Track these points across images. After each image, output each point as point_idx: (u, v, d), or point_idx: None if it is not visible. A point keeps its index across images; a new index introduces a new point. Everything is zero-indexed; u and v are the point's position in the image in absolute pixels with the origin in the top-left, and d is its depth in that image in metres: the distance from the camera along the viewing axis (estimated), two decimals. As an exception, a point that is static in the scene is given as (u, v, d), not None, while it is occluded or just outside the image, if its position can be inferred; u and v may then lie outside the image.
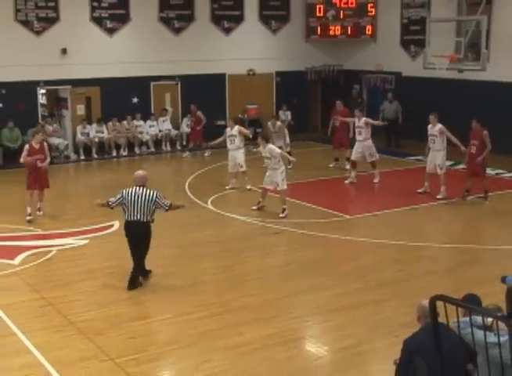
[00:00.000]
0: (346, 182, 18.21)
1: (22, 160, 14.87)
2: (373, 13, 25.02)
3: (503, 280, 7.30)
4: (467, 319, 5.61)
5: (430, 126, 16.47)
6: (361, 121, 18.13)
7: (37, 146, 14.82)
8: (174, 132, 23.65)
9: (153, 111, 23.58)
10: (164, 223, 13.92)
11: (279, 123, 20.01)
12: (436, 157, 16.37)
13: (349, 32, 25.39)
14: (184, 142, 23.71)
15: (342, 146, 19.86)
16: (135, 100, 23.31)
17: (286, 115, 24.83)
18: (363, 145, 17.99)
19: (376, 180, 18.03)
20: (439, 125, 16.23)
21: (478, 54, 19.41)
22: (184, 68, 23.45)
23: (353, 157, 18.25)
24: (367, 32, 25.25)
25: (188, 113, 23.59)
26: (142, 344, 9.01)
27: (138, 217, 10.57)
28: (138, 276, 10.91)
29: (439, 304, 5.43)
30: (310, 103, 26.55)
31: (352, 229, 14.54)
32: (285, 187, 15.00)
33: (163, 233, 13.05)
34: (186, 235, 13.78)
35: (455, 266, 12.10)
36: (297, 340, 9.21)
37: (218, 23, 24.41)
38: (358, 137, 18.14)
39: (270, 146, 15.21)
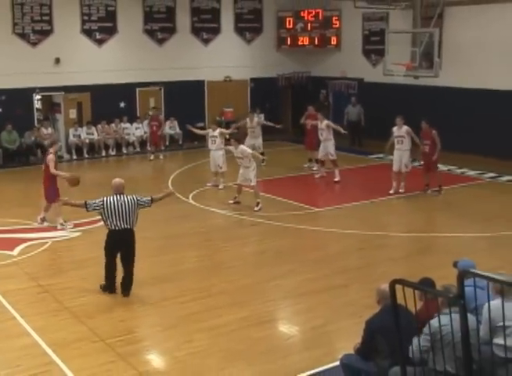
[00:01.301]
0: (316, 176, 18.34)
1: (57, 172, 13.56)
2: (338, 25, 25.03)
3: (455, 264, 7.39)
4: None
5: (396, 128, 16.40)
6: (323, 123, 18.08)
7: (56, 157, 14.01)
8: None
9: (138, 114, 23.48)
10: (149, 217, 13.88)
11: (256, 119, 20.08)
12: (402, 157, 16.31)
13: (316, 42, 25.39)
14: (167, 143, 23.60)
15: (312, 147, 19.77)
16: (122, 105, 23.17)
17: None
18: (324, 145, 18.01)
19: (336, 179, 17.84)
20: (405, 127, 16.22)
21: (431, 62, 19.51)
22: (167, 75, 23.35)
23: (319, 157, 18.34)
24: (332, 42, 25.26)
25: (171, 117, 23.53)
26: (130, 326, 9.01)
27: (126, 225, 9.69)
28: (132, 281, 10.05)
29: (398, 287, 5.48)
30: (281, 107, 26.54)
31: (320, 220, 14.59)
32: (256, 183, 15.03)
33: (147, 226, 13.01)
34: (169, 227, 13.75)
35: (412, 253, 12.19)
36: (270, 321, 9.24)
37: (198, 34, 24.33)
38: (320, 138, 18.14)
39: (242, 146, 15.29)
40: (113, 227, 9.73)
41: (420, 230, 13.77)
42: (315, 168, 19.18)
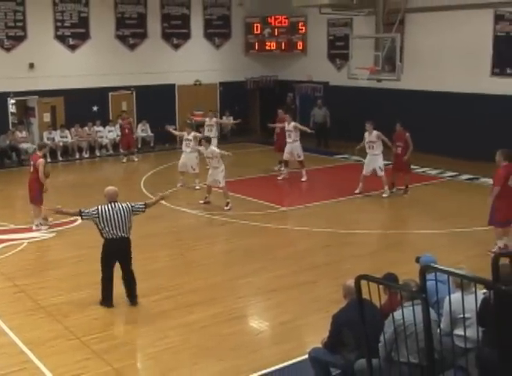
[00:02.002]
0: (279, 178, 18.29)
1: (46, 181, 13.31)
2: (304, 31, 25.13)
3: (417, 260, 7.48)
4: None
5: (366, 134, 16.19)
6: (290, 125, 18.05)
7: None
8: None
9: (111, 118, 23.32)
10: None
11: (214, 119, 20.30)
12: (375, 161, 16.07)
13: (283, 47, 25.47)
14: (139, 145, 23.47)
15: (282, 149, 19.69)
16: (95, 108, 22.98)
17: (229, 120, 24.82)
18: (292, 146, 17.98)
19: (303, 179, 17.90)
20: (375, 132, 16.05)
21: (394, 66, 19.68)
22: (138, 79, 23.23)
23: (284, 157, 18.26)
24: (299, 47, 25.36)
25: (143, 120, 23.43)
26: (104, 324, 8.95)
27: (123, 234, 9.26)
28: (135, 290, 9.60)
29: (363, 282, 5.52)
30: (250, 109, 26.57)
31: (288, 219, 14.63)
32: (224, 184, 15.03)
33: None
34: (142, 227, 13.56)
35: (377, 250, 12.27)
36: (241, 317, 9.25)
37: (168, 39, 24.25)
38: (287, 139, 18.05)
39: (212, 147, 15.30)
40: (110, 236, 9.25)
41: (385, 228, 13.88)
42: (283, 169, 19.19)
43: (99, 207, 9.30)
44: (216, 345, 8.28)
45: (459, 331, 6.05)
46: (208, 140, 15.56)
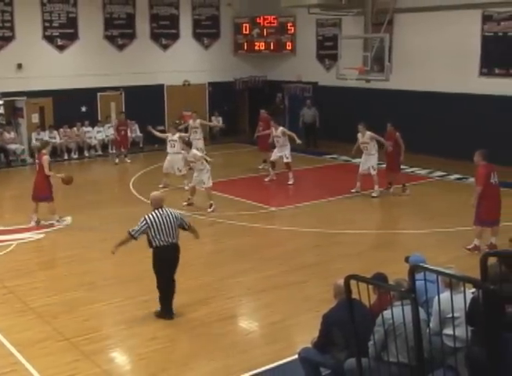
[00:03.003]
0: (266, 179, 18.23)
1: (51, 173, 13.49)
2: (293, 31, 25.17)
3: (406, 259, 7.52)
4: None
5: (359, 135, 16.19)
6: (278, 130, 17.82)
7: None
8: (116, 135, 23.25)
9: (100, 118, 23.28)
10: (111, 218, 13.82)
11: (198, 120, 20.22)
12: (369, 160, 16.13)
13: (272, 47, 25.49)
14: (128, 146, 23.38)
15: (265, 148, 19.62)
16: (83, 109, 22.92)
17: (218, 120, 24.83)
18: (281, 150, 17.78)
19: (290, 182, 17.67)
20: (368, 133, 16.05)
21: (383, 66, 19.75)
22: (127, 80, 23.19)
23: (272, 158, 18.08)
24: (287, 47, 25.39)
25: (132, 120, 23.37)
26: (94, 325, 8.93)
27: (173, 240, 8.99)
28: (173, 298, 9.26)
29: (353, 282, 5.54)
30: (238, 110, 26.58)
31: (277, 219, 14.65)
32: (210, 185, 14.99)
33: (110, 228, 12.98)
34: (128, 228, 13.57)
35: (366, 249, 12.30)
36: (231, 317, 9.26)
37: (157, 40, 24.22)
38: (276, 144, 17.88)
39: (193, 151, 15.24)
40: (161, 244, 8.92)
41: (375, 227, 13.93)
42: (272, 171, 19.18)
43: (147, 216, 8.96)
44: (207, 345, 8.29)
45: (448, 331, 6.09)
46: (189, 144, 15.49)
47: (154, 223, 8.88)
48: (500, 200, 11.74)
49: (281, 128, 18.05)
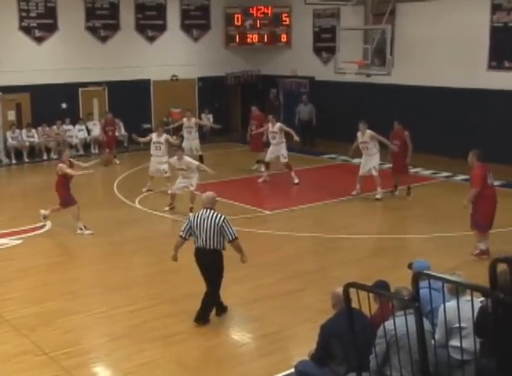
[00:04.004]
0: (259, 180, 18.22)
1: (75, 173, 13.63)
2: (288, 22, 25.20)
3: (410, 266, 7.52)
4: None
5: (359, 134, 16.14)
6: (275, 126, 17.92)
7: (68, 163, 13.81)
8: (102, 136, 23.25)
9: (81, 116, 23.24)
10: (93, 223, 13.79)
11: (193, 119, 20.08)
12: (370, 161, 16.09)
13: (266, 40, 25.52)
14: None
15: (258, 149, 19.63)
16: (63, 106, 22.91)
17: (208, 118, 24.82)
18: (276, 148, 17.88)
19: (296, 181, 17.76)
20: (369, 132, 16.01)
21: (384, 60, 19.77)
22: (110, 74, 23.17)
23: (266, 159, 18.16)
24: (282, 40, 25.43)
25: (116, 118, 23.32)
26: (75, 338, 8.90)
27: (204, 244, 9.02)
28: (209, 312, 9.30)
29: (352, 291, 5.55)
30: (230, 107, 26.60)
31: (272, 223, 14.64)
32: (195, 188, 14.88)
33: (95, 232, 12.96)
34: (116, 233, 13.63)
35: (367, 255, 12.32)
36: (223, 328, 9.25)
37: (143, 31, 24.22)
38: (272, 141, 17.96)
39: (187, 158, 15.08)
40: (196, 245, 9.16)
41: (376, 232, 13.95)
42: (263, 169, 19.21)
43: (191, 215, 9.36)
44: (197, 358, 8.29)
45: (455, 342, 6.10)
46: (183, 149, 15.39)
47: (194, 222, 9.07)
48: (497, 201, 11.80)
49: (279, 124, 18.09)
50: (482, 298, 6.20)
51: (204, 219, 8.99)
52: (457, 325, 5.80)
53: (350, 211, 15.54)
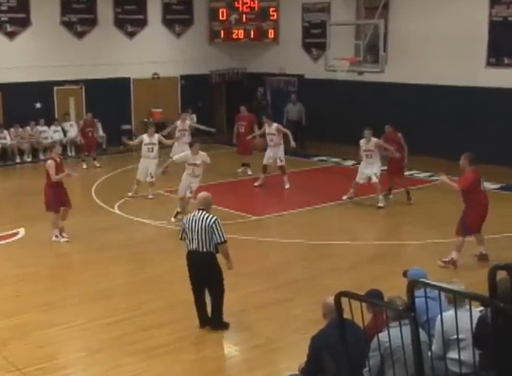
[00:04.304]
0: (255, 184, 18.13)
1: (55, 178, 13.25)
2: (275, 17, 25.23)
3: (405, 274, 7.54)
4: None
5: (363, 141, 15.93)
6: (272, 127, 17.87)
7: (58, 160, 13.61)
8: (79, 138, 23.18)
9: (56, 116, 23.17)
10: (69, 229, 13.73)
11: (188, 122, 19.90)
12: (371, 167, 15.91)
13: (252, 35, 25.54)
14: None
15: (246, 152, 19.62)
16: (38, 105, 22.84)
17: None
18: (274, 150, 17.82)
19: (287, 186, 17.71)
20: (374, 140, 15.86)
21: (377, 56, 19.82)
22: (88, 72, 23.11)
23: (265, 162, 18.01)
24: (269, 35, 25.45)
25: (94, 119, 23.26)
26: (50, 352, 8.86)
27: (196, 246, 9.07)
28: (221, 314, 9.44)
29: (344, 300, 5.55)
30: (215, 106, 26.60)
31: (259, 229, 14.64)
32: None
33: (71, 239, 12.90)
34: (94, 240, 13.58)
35: (359, 263, 12.32)
36: (208, 341, 9.23)
37: (122, 26, 24.18)
38: (269, 143, 17.90)
39: (203, 153, 14.86)
40: (189, 248, 9.21)
41: (369, 238, 13.97)
42: (250, 172, 19.17)
43: (185, 216, 9.53)
44: (181, 372, 8.27)
45: (453, 354, 6.11)
46: (199, 142, 15.11)
47: (187, 223, 9.20)
48: (488, 207, 11.88)
49: (275, 125, 18.03)
50: (481, 308, 6.22)
51: (196, 221, 9.09)
52: (455, 336, 5.80)
53: (342, 216, 15.56)
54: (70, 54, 22.90)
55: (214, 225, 9.04)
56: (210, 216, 9.12)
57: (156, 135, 17.25)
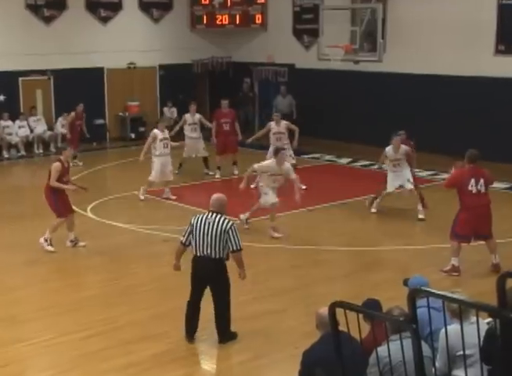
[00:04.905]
0: (252, 186, 17.71)
1: (55, 184, 13.19)
2: (263, 0, 25.25)
3: (405, 282, 7.56)
4: None
5: (391, 149, 15.30)
6: (280, 125, 17.76)
7: (66, 165, 13.55)
8: (47, 133, 23.22)
9: (22, 110, 23.11)
10: (35, 235, 13.69)
11: (198, 115, 19.57)
12: (402, 175, 15.45)
13: (237, 21, 25.51)
14: (59, 144, 23.22)
15: (228, 150, 19.48)
16: (1, 98, 22.78)
17: (171, 112, 24.81)
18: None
19: (303, 186, 17.00)
20: (404, 148, 15.35)
21: (374, 44, 19.87)
22: (57, 61, 23.07)
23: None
24: (257, 21, 25.44)
25: (64, 113, 23.20)
26: (15, 372, 8.80)
27: (209, 252, 9.07)
28: (229, 325, 9.47)
29: (339, 311, 5.56)
30: (197, 99, 26.50)
31: (247, 233, 14.60)
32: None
33: (35, 247, 12.90)
34: (64, 247, 13.53)
35: (356, 270, 12.36)
36: (190, 356, 9.24)
37: (94, 11, 24.14)
38: (276, 143, 17.57)
39: (287, 165, 14.46)
40: (195, 252, 9.23)
41: (367, 243, 13.97)
42: (236, 172, 19.07)
43: (193, 217, 9.33)
44: (159, 392, 8.27)
45: (459, 372, 6.13)
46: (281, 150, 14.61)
47: (196, 225, 9.14)
48: (486, 212, 11.85)
49: (284, 122, 17.93)
50: (489, 319, 6.24)
51: (209, 224, 9.07)
52: (461, 352, 5.81)
53: (338, 219, 15.58)
54: (37, 41, 22.85)
55: (230, 232, 9.07)
56: (227, 221, 9.13)
57: (166, 130, 17.22)
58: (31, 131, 23.00)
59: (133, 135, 24.58)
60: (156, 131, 17.09)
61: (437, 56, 20.54)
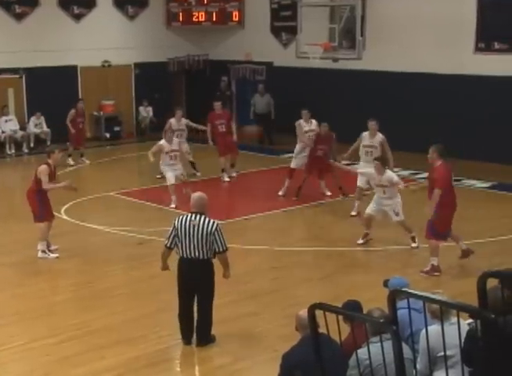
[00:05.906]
0: (280, 193, 17.17)
1: (48, 186, 12.89)
2: (240, -3, 25.30)
3: (385, 283, 7.58)
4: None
5: (366, 134, 15.39)
6: (313, 123, 17.11)
7: (53, 168, 13.27)
8: (20, 133, 23.07)
9: (-5, 108, 23.03)
10: (6, 238, 13.61)
11: (184, 119, 19.40)
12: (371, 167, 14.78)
13: (214, 18, 25.52)
14: (32, 144, 23.12)
15: (230, 151, 19.07)
16: (-29, 97, 22.71)
17: (147, 111, 24.75)
18: (307, 150, 16.93)
19: (327, 193, 16.95)
20: (381, 135, 15.42)
21: (353, 42, 19.90)
22: (29, 60, 22.96)
23: (293, 165, 17.29)
24: (234, 18, 25.46)
25: (37, 112, 23.08)
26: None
27: (196, 254, 9.09)
28: (210, 328, 9.49)
29: (319, 313, 5.54)
30: (173, 98, 26.53)
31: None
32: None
33: (6, 250, 12.80)
34: (35, 250, 13.42)
35: (335, 271, 12.35)
36: (165, 361, 9.22)
37: (67, 8, 24.03)
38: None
39: (390, 172, 13.81)
40: (181, 254, 9.20)
41: (345, 243, 13.98)
42: (234, 174, 18.93)
43: (176, 219, 9.26)
44: (134, 398, 8.23)
45: (440, 373, 6.13)
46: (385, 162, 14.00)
47: (180, 227, 9.12)
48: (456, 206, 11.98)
49: (314, 121, 17.23)
50: (470, 320, 6.25)
51: (194, 226, 9.06)
52: (442, 353, 5.81)
53: (316, 220, 15.60)
54: (8, 39, 22.75)
55: (216, 233, 9.10)
56: (211, 222, 9.13)
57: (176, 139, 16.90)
58: (2, 131, 22.84)
59: (108, 135, 24.51)
60: (163, 143, 16.59)
61: (416, 53, 20.63)
